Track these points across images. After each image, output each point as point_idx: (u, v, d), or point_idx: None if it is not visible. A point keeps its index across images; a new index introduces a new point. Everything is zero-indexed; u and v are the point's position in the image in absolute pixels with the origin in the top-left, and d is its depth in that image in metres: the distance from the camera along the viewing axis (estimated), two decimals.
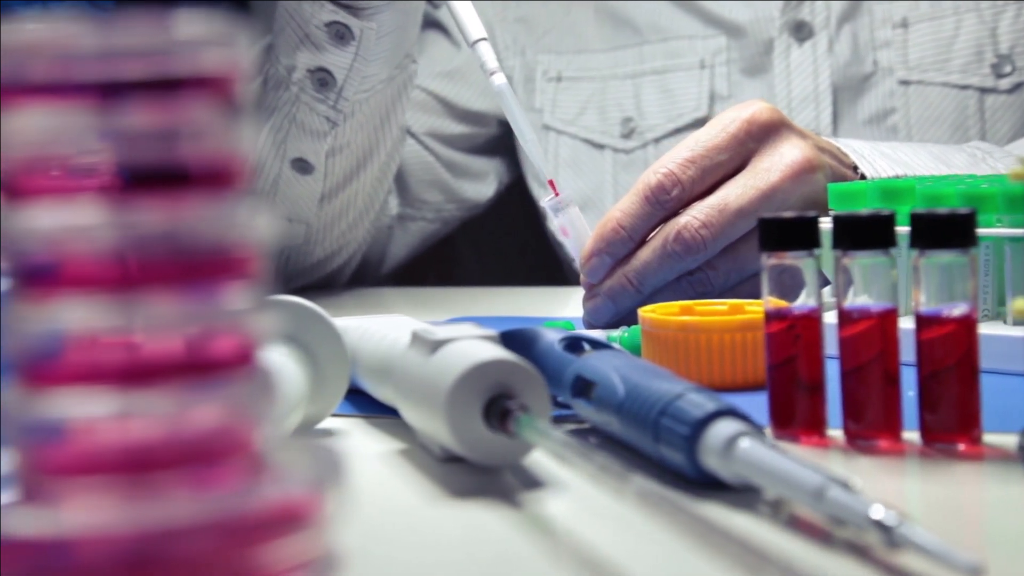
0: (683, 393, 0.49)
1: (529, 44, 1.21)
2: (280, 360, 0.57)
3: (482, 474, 0.52)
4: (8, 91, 0.27)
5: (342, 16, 1.00)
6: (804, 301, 0.55)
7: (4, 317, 0.28)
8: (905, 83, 1.07)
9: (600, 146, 1.18)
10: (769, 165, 0.78)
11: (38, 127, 0.27)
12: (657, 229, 0.80)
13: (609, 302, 0.79)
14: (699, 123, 1.12)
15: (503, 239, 1.37)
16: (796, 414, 0.54)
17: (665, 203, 0.78)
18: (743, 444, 0.46)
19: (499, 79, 0.84)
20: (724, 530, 0.38)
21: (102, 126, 0.27)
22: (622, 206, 0.79)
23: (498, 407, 0.50)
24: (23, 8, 1.53)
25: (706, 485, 0.48)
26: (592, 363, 0.56)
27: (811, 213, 0.54)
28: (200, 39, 0.27)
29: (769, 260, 0.54)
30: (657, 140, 1.15)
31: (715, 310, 0.69)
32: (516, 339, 0.60)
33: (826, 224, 0.54)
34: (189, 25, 0.27)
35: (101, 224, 0.27)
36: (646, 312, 0.68)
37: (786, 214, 0.54)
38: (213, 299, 0.28)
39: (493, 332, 0.55)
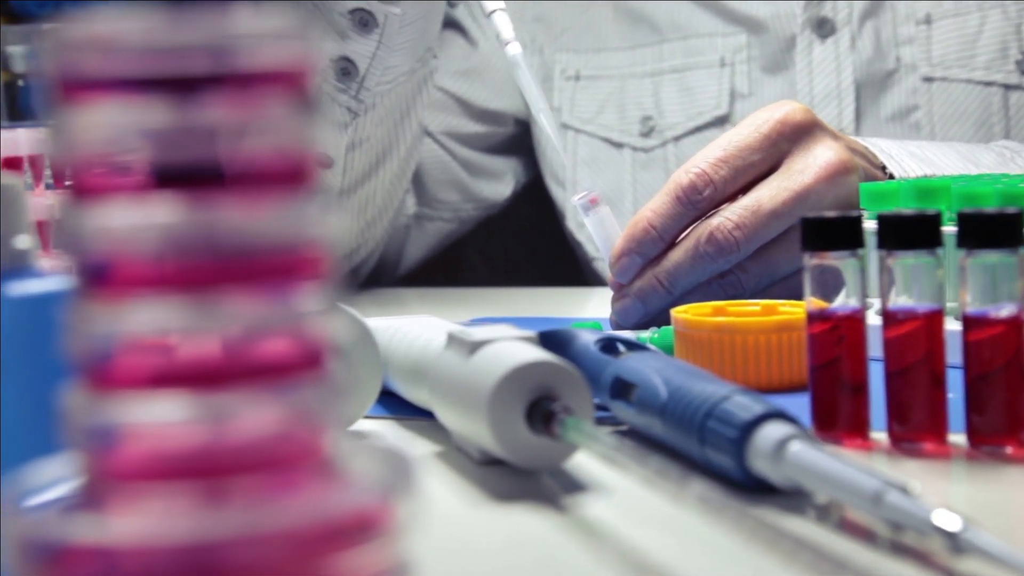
0: (729, 395, 0.49)
1: (547, 43, 1.21)
2: None
3: (523, 477, 0.51)
4: (74, 86, 0.26)
5: (365, 3, 1.00)
6: (843, 302, 0.54)
7: (69, 318, 0.27)
8: (928, 80, 1.06)
9: (619, 145, 1.17)
10: (803, 167, 0.77)
11: (106, 123, 0.26)
12: (689, 230, 0.79)
13: (639, 303, 0.78)
14: (719, 121, 1.12)
15: (514, 239, 1.36)
16: (839, 416, 0.53)
17: (697, 203, 0.77)
18: (794, 447, 0.45)
19: (513, 48, 0.83)
20: (792, 536, 0.37)
21: (172, 122, 0.26)
22: (653, 206, 0.78)
23: (541, 409, 0.49)
24: (37, 7, 1.52)
25: (753, 488, 0.47)
26: (631, 365, 0.55)
27: (854, 212, 0.54)
28: (270, 32, 0.27)
29: (811, 260, 0.54)
30: (677, 139, 1.14)
31: (748, 311, 0.68)
32: (551, 340, 0.59)
33: (869, 224, 0.54)
34: (259, 18, 0.26)
35: (170, 223, 0.26)
36: (679, 313, 0.67)
37: (829, 213, 0.53)
38: (283, 300, 0.27)
39: (531, 333, 0.54)
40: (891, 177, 0.82)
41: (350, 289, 1.14)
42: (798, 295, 0.55)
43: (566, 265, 1.25)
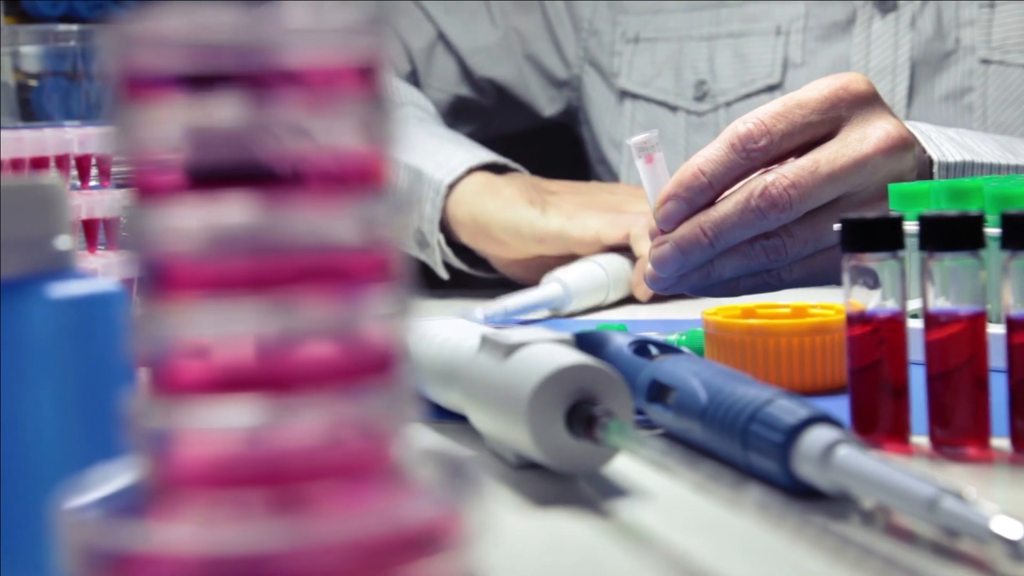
0: (772, 399, 0.48)
1: (609, 5, 1.24)
2: None
3: (559, 481, 0.51)
4: (137, 84, 0.26)
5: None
6: (879, 304, 0.54)
7: (133, 319, 0.26)
8: (986, 62, 1.06)
9: (674, 108, 1.19)
10: (861, 135, 0.76)
11: (175, 121, 0.25)
12: (740, 184, 0.77)
13: (678, 252, 0.75)
14: (770, 89, 1.13)
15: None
16: (879, 420, 0.53)
17: (752, 152, 0.75)
18: (842, 452, 0.44)
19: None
20: (858, 545, 0.36)
21: (241, 121, 0.25)
22: (705, 152, 0.76)
23: (582, 413, 0.48)
24: (49, 8, 1.51)
25: (796, 494, 0.46)
26: (667, 367, 0.55)
27: (895, 213, 0.53)
28: (340, 28, 0.26)
29: (850, 261, 0.53)
30: (728, 104, 1.15)
31: (779, 313, 0.67)
32: (584, 342, 0.59)
33: (911, 226, 0.53)
34: (329, 13, 0.26)
35: (239, 224, 0.25)
36: (709, 315, 0.66)
37: (870, 214, 0.53)
38: (353, 303, 0.26)
39: (567, 335, 0.54)
40: (929, 159, 0.82)
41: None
42: (839, 268, 0.54)
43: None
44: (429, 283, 1.21)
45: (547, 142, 1.34)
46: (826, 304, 0.67)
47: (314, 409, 0.26)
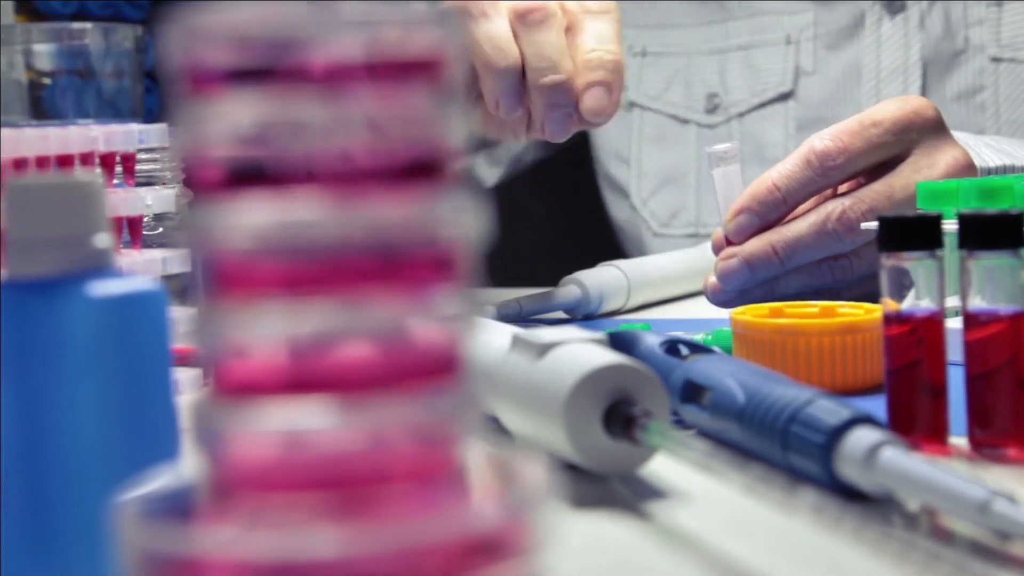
0: (813, 399, 0.47)
1: None
2: None
3: (596, 483, 0.50)
4: (205, 78, 0.25)
5: None
6: (913, 303, 0.53)
7: (197, 318, 0.26)
8: (996, 60, 1.06)
9: (685, 121, 1.18)
10: (931, 162, 0.76)
11: (243, 115, 0.25)
12: (812, 204, 0.77)
13: (746, 268, 0.75)
14: (783, 97, 1.12)
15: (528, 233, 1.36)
16: (917, 420, 0.52)
17: (829, 170, 0.75)
18: (887, 453, 0.44)
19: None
20: (924, 548, 0.36)
21: (309, 114, 0.25)
22: (780, 168, 0.76)
23: (620, 414, 0.48)
24: (62, 6, 1.51)
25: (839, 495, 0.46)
26: (702, 368, 0.54)
27: (932, 212, 0.52)
28: (407, 20, 0.25)
29: (888, 260, 0.52)
30: (741, 115, 1.14)
31: (807, 312, 0.67)
32: (613, 342, 0.58)
33: (950, 225, 0.52)
34: (395, 6, 0.25)
35: (306, 220, 0.25)
36: (738, 314, 0.66)
37: (908, 213, 0.52)
38: (421, 303, 0.25)
39: (601, 334, 0.53)
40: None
41: None
42: None
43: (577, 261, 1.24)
44: None
45: (560, 161, 1.33)
46: (854, 304, 0.67)
47: (377, 412, 0.26)
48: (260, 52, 0.25)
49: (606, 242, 1.26)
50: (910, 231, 0.52)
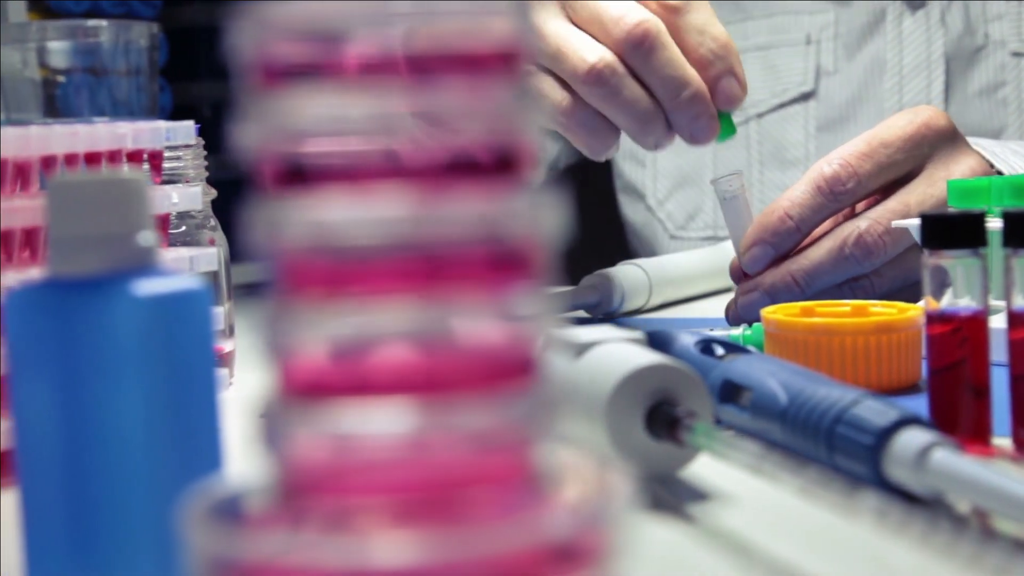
0: (859, 400, 0.47)
1: None
2: None
3: (636, 485, 0.49)
4: (279, 71, 0.24)
5: None
6: (951, 301, 0.52)
7: (266, 317, 0.25)
8: (1017, 55, 1.05)
9: None
10: (946, 174, 0.76)
11: (316, 110, 0.24)
12: (826, 228, 0.76)
13: (767, 299, 0.75)
14: (804, 97, 1.11)
15: None
16: (960, 421, 0.51)
17: (840, 195, 0.75)
18: (938, 455, 0.43)
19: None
20: (994, 554, 0.35)
21: (386, 108, 0.24)
22: (790, 195, 0.75)
23: (663, 415, 0.47)
24: (75, 5, 1.50)
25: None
26: (740, 368, 0.53)
27: (977, 210, 0.52)
28: (483, 11, 0.25)
29: (931, 259, 0.52)
30: (760, 115, 1.13)
31: (840, 311, 0.66)
32: (650, 341, 0.57)
33: (994, 223, 0.52)
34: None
35: (386, 217, 0.24)
36: (770, 313, 0.65)
37: (952, 211, 0.51)
38: (500, 302, 0.25)
39: (639, 333, 0.52)
40: (999, 175, 0.81)
41: None
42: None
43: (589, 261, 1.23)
44: None
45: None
46: (887, 303, 0.66)
47: (453, 415, 0.25)
48: (333, 45, 0.24)
49: (621, 244, 1.25)
50: (953, 229, 0.51)
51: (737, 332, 0.70)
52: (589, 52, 0.72)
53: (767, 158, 1.14)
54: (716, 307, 0.94)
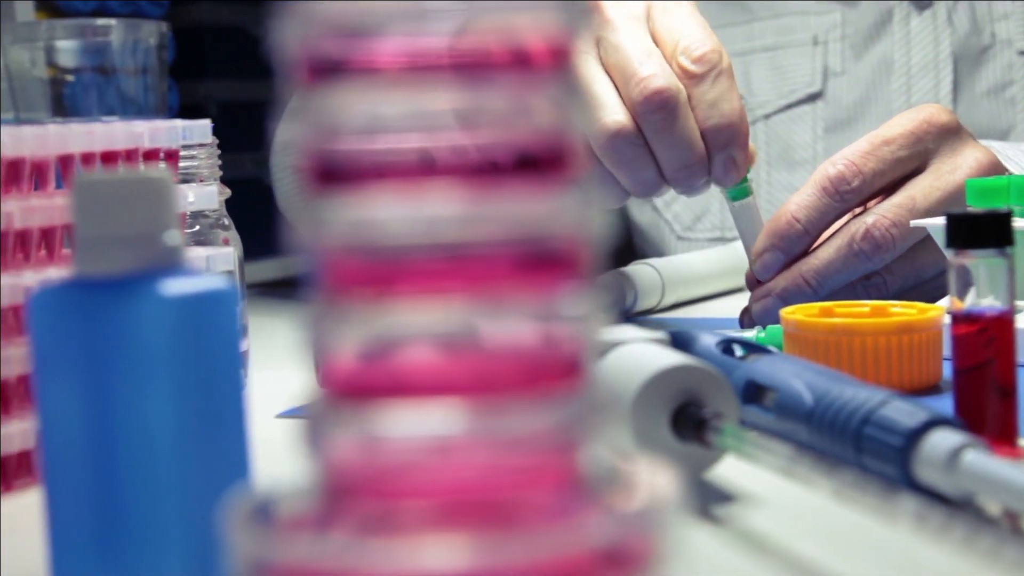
0: (887, 400, 0.46)
1: None
2: None
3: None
4: (323, 69, 0.24)
5: None
6: (974, 301, 0.52)
7: (311, 317, 0.25)
8: None
9: None
10: (952, 167, 0.75)
11: (362, 108, 0.24)
12: (835, 227, 0.76)
13: (781, 303, 0.75)
14: (811, 98, 1.11)
15: None
16: (987, 422, 0.51)
17: (845, 195, 0.75)
18: (969, 456, 0.43)
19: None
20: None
21: (434, 104, 0.23)
22: (797, 199, 0.75)
23: (690, 416, 0.47)
24: (83, 4, 1.50)
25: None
26: (764, 368, 0.53)
27: (1003, 208, 0.51)
28: (535, 7, 0.24)
29: (956, 259, 0.51)
30: (768, 116, 1.13)
31: (859, 311, 0.66)
32: (672, 341, 0.57)
33: (1021, 222, 0.51)
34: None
35: (436, 216, 0.23)
36: (788, 313, 0.65)
37: (977, 210, 0.51)
38: (551, 302, 0.24)
39: (662, 333, 0.52)
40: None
41: None
42: (936, 299, 0.52)
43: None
44: None
45: None
46: (906, 303, 0.66)
47: (504, 417, 0.24)
48: (376, 43, 0.24)
49: (627, 245, 1.25)
50: (979, 228, 0.51)
51: (751, 334, 0.70)
52: (609, 114, 0.73)
53: (775, 159, 1.13)
54: (728, 307, 0.93)
